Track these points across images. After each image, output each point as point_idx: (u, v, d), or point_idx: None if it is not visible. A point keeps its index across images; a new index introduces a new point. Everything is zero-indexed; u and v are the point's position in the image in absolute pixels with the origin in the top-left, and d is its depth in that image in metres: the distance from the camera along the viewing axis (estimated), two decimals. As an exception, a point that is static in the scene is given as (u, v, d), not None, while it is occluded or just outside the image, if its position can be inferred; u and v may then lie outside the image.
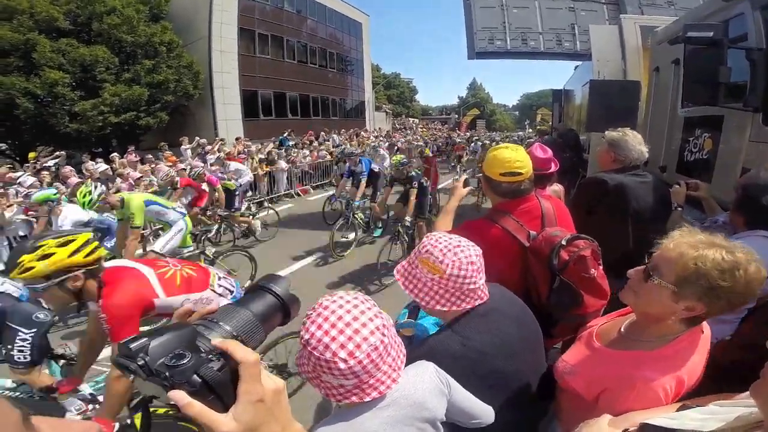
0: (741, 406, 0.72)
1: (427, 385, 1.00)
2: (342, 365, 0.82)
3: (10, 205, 5.90)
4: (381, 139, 19.47)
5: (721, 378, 1.03)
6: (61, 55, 13.69)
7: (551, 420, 1.32)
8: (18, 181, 6.65)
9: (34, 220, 6.04)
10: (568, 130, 7.72)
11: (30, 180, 6.56)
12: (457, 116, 56.60)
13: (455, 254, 1.16)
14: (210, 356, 0.50)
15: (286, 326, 0.67)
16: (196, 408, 0.46)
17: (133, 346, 0.48)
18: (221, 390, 0.49)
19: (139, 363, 0.47)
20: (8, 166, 7.62)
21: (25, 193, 6.44)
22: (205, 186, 6.26)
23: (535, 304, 1.53)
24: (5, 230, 5.57)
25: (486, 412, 1.12)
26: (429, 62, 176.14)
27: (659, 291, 0.98)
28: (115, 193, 5.39)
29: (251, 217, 7.09)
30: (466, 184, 1.96)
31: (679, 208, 2.27)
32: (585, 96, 6.43)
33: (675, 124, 3.81)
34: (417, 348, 1.21)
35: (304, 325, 0.87)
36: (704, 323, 1.05)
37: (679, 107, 3.69)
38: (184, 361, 0.47)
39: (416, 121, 45.63)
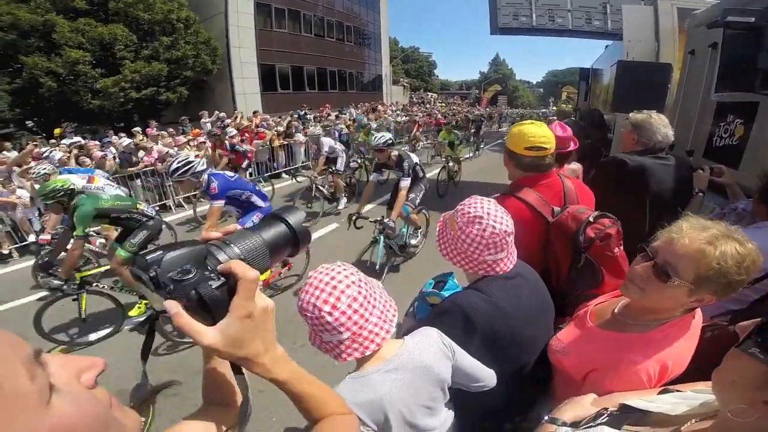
0: (712, 395, 0.73)
1: (433, 349, 1.05)
2: (329, 318, 0.92)
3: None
4: (398, 113, 19.16)
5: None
6: (80, 34, 13.86)
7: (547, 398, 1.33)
8: (44, 156, 6.84)
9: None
10: (592, 110, 7.47)
11: (59, 155, 6.77)
12: (477, 91, 55.20)
13: (469, 224, 1.19)
14: (212, 275, 0.52)
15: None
16: (183, 319, 0.49)
17: (149, 258, 0.51)
18: (214, 308, 0.51)
19: (151, 275, 0.50)
20: (34, 143, 7.81)
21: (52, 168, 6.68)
22: None
23: (552, 282, 1.53)
24: (36, 201, 5.84)
25: (489, 376, 1.15)
26: (449, 36, 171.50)
27: (675, 290, 0.95)
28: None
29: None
30: None
31: (701, 193, 2.22)
32: (614, 76, 6.20)
33: (707, 108, 3.66)
34: (443, 303, 1.27)
35: (298, 298, 0.98)
36: (698, 310, 1.03)
37: (713, 92, 3.54)
38: (188, 277, 0.50)
39: (434, 95, 44.73)
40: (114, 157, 7.51)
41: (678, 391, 0.85)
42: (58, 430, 0.33)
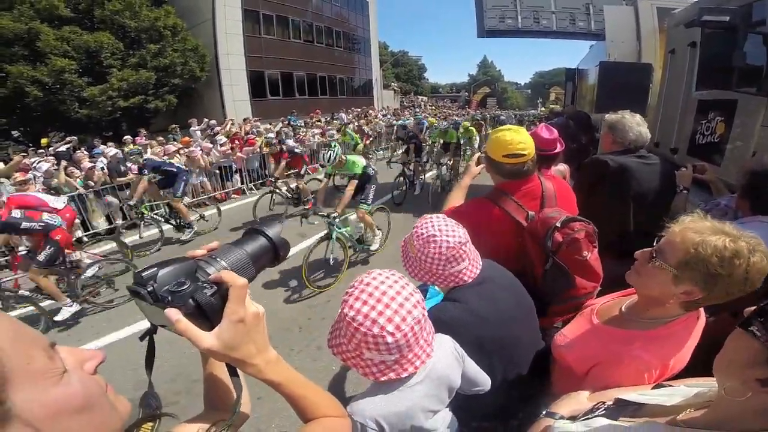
0: (705, 387, 0.75)
1: (450, 358, 1.06)
2: (390, 339, 0.83)
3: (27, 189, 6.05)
4: (388, 117, 19.27)
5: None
6: (65, 42, 13.65)
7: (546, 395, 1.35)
8: (33, 166, 6.74)
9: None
10: (578, 112, 7.59)
11: (45, 165, 6.67)
12: (467, 94, 55.61)
13: (426, 244, 1.23)
14: (205, 284, 0.57)
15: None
16: (183, 324, 0.53)
17: (145, 274, 0.55)
18: (211, 313, 0.57)
19: (148, 289, 0.53)
20: (22, 154, 7.68)
21: (41, 178, 6.59)
22: None
23: (530, 285, 1.55)
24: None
25: (486, 380, 1.18)
26: (438, 40, 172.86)
27: (660, 273, 0.97)
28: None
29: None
30: (479, 162, 1.92)
31: (685, 191, 2.24)
32: (597, 77, 6.31)
33: (688, 106, 3.75)
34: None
35: (347, 302, 0.88)
36: (701, 310, 1.04)
37: (693, 90, 3.63)
38: (184, 288, 0.55)
39: (425, 99, 45.01)
40: (102, 168, 7.42)
41: (670, 386, 0.86)
42: (66, 398, 0.42)
